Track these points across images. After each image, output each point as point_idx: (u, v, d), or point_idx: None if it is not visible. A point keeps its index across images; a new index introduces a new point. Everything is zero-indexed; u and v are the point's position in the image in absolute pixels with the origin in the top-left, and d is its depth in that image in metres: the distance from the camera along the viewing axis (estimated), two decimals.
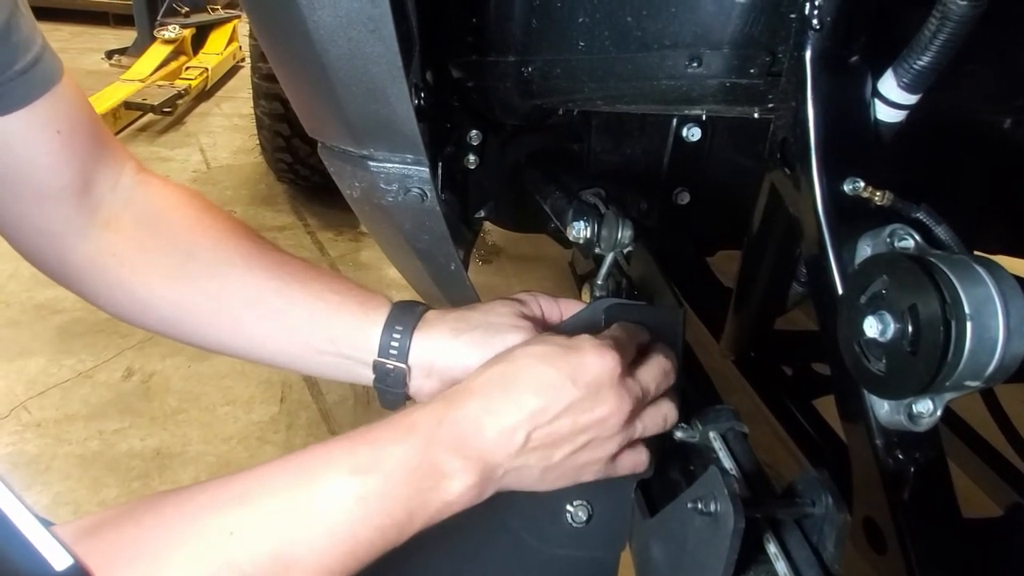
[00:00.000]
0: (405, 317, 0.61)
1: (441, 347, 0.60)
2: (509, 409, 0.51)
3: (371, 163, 0.59)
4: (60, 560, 0.40)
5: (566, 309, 0.67)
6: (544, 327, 0.64)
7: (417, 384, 0.62)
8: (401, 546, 0.59)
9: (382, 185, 0.60)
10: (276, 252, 0.66)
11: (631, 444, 0.57)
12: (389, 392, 0.62)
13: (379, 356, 0.61)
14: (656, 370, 0.57)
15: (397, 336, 0.60)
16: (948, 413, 0.58)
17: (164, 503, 0.46)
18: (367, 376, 0.62)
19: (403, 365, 0.60)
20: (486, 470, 0.50)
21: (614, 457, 0.56)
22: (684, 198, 1.09)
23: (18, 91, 0.56)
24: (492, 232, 2.83)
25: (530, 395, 0.51)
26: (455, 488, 0.50)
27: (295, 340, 0.63)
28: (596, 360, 0.52)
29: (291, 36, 0.52)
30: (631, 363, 0.57)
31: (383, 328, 0.61)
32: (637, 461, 0.59)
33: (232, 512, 0.45)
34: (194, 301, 0.63)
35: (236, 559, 0.44)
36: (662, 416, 0.58)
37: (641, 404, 0.55)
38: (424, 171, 0.58)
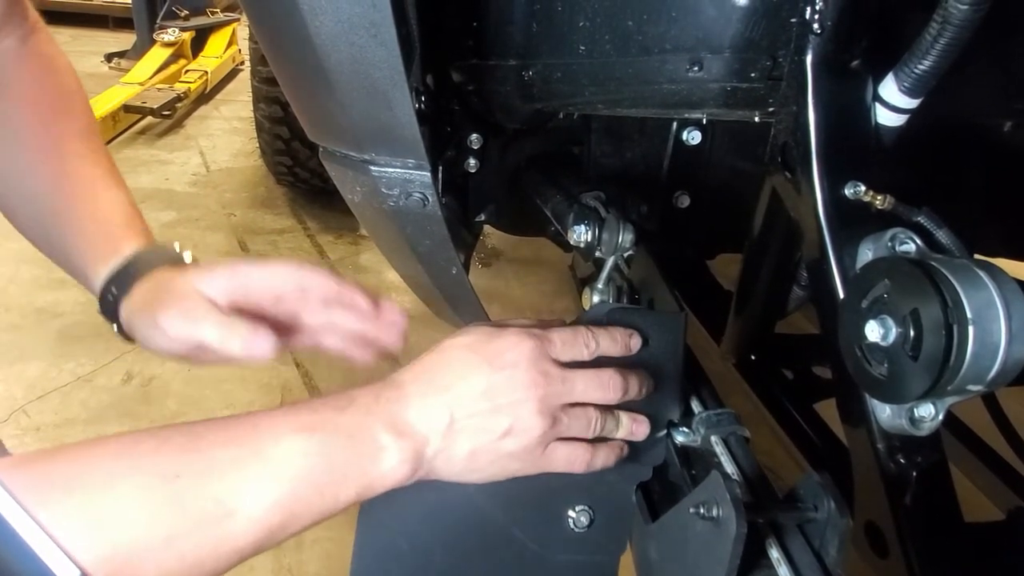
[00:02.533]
0: (123, 278, 0.66)
1: (137, 319, 0.65)
2: (435, 391, 0.55)
3: (372, 168, 0.59)
4: (65, 569, 0.39)
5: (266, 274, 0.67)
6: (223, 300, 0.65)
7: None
8: (405, 558, 0.59)
9: (383, 190, 0.60)
10: (85, 155, 0.69)
11: (566, 439, 0.58)
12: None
13: (100, 308, 0.67)
14: (592, 379, 0.58)
15: (111, 297, 0.65)
16: (949, 417, 0.58)
17: (101, 445, 0.47)
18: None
19: (110, 320, 0.66)
20: (417, 447, 0.53)
21: (544, 449, 0.57)
22: (684, 201, 1.09)
23: None
24: (492, 235, 2.83)
25: (453, 377, 0.55)
26: (389, 461, 0.52)
27: (48, 243, 0.69)
28: (514, 343, 0.56)
29: (293, 41, 0.52)
30: (621, 368, 0.59)
31: (104, 283, 0.66)
32: (571, 456, 0.58)
33: (177, 457, 0.47)
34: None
35: (180, 497, 0.45)
36: (588, 418, 0.58)
37: (559, 396, 0.57)
38: (425, 176, 0.58)
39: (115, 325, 0.68)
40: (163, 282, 0.64)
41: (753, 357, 0.92)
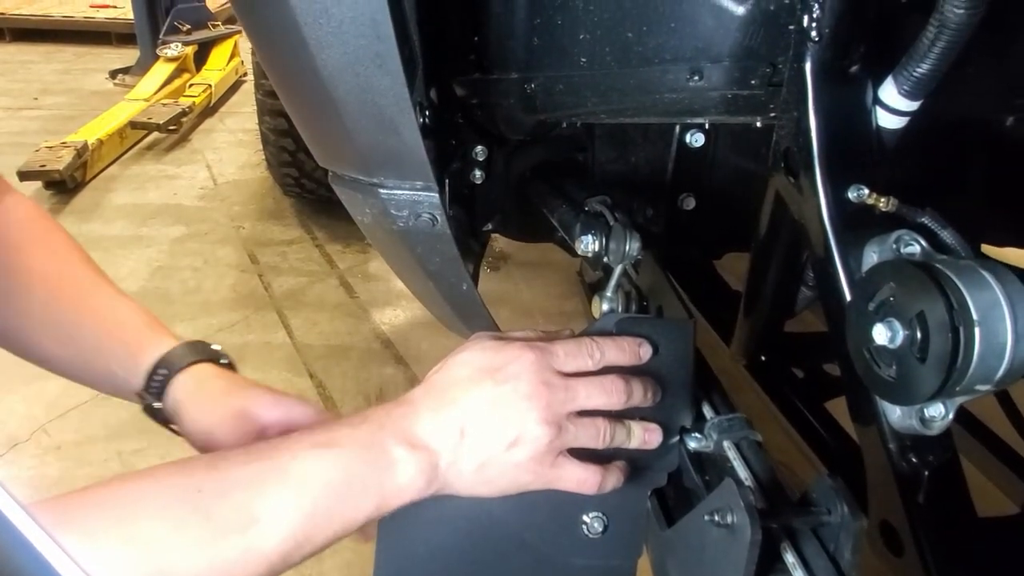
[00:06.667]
0: (174, 361, 0.68)
1: (188, 394, 0.67)
2: (444, 405, 0.57)
3: (381, 191, 0.60)
4: None
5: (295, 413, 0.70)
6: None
7: (182, 423, 0.68)
8: (423, 563, 0.60)
9: (393, 212, 0.61)
10: (88, 279, 0.72)
11: (578, 458, 0.59)
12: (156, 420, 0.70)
13: (143, 389, 0.68)
14: (595, 384, 0.60)
15: (159, 377, 0.67)
16: (961, 411, 0.59)
17: (130, 477, 0.50)
18: (135, 402, 0.70)
19: (156, 404, 0.68)
20: (431, 460, 0.55)
21: (553, 463, 0.58)
22: (690, 203, 1.10)
23: None
24: (499, 239, 2.84)
25: (459, 392, 0.57)
26: (404, 473, 0.54)
27: (79, 362, 0.70)
28: (515, 356, 0.58)
29: (301, 73, 0.53)
30: (624, 375, 0.61)
31: (152, 366, 0.68)
32: (580, 477, 0.59)
33: (200, 475, 0.49)
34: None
35: (204, 507, 0.47)
36: (596, 427, 0.59)
37: (563, 403, 0.58)
38: (434, 196, 0.59)
39: (148, 405, 0.70)
40: (220, 378, 0.68)
41: (763, 357, 0.93)
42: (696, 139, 1.04)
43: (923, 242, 0.59)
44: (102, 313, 0.70)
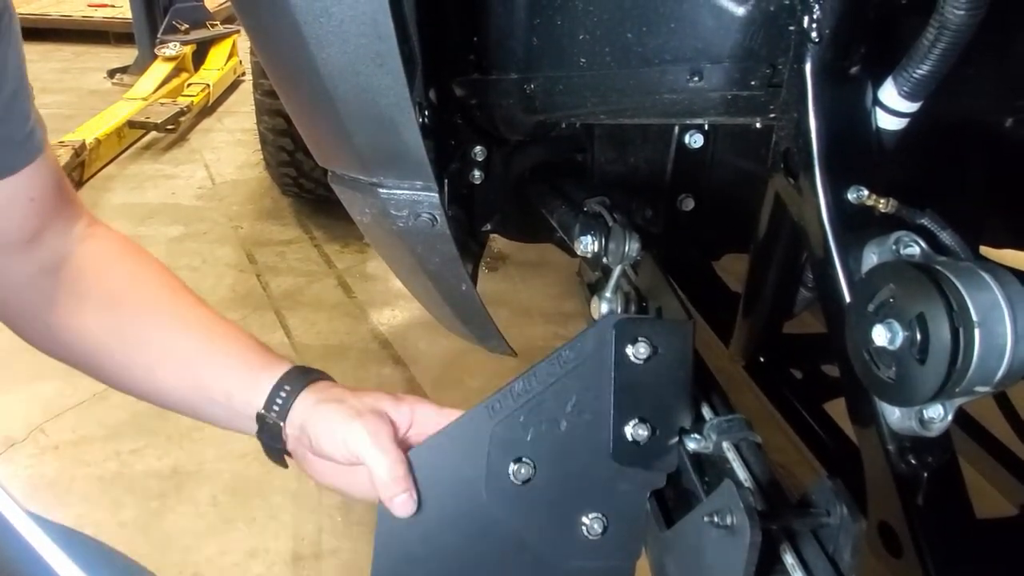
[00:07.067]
0: (298, 379, 0.67)
1: (318, 415, 0.65)
2: None
3: (381, 190, 0.60)
4: None
5: (442, 419, 0.69)
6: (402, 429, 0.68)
7: (292, 443, 0.67)
8: (421, 563, 0.60)
9: (392, 211, 0.61)
10: (198, 307, 0.72)
11: None
12: (270, 447, 0.68)
13: (262, 408, 0.67)
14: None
15: (283, 395, 0.66)
16: (959, 412, 0.59)
17: None
18: (251, 428, 0.68)
19: (282, 423, 0.66)
20: None
21: None
22: (688, 204, 1.10)
23: (7, 161, 0.61)
24: (497, 239, 2.84)
25: None
26: None
27: (198, 393, 0.69)
28: None
29: (301, 72, 0.53)
30: None
31: (274, 384, 0.67)
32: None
33: None
34: (114, 348, 0.69)
35: None
36: None
37: None
38: (433, 196, 0.59)
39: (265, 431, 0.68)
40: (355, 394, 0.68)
41: (761, 358, 0.93)
42: (695, 140, 1.04)
43: (923, 243, 0.59)
44: (217, 341, 0.70)
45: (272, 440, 0.67)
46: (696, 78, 0.67)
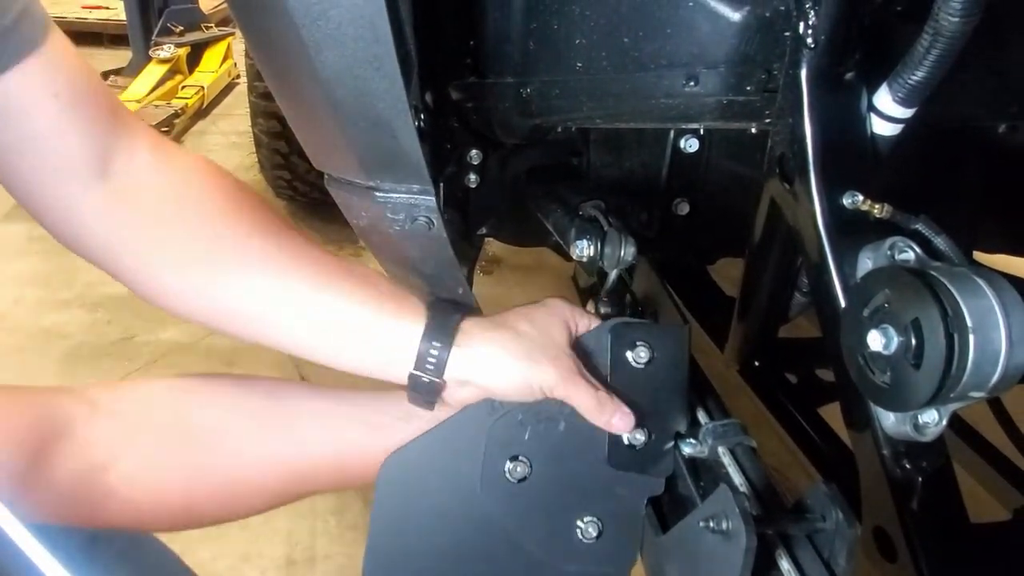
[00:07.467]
0: (443, 330, 0.62)
1: (484, 363, 0.62)
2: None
3: (377, 194, 0.60)
4: None
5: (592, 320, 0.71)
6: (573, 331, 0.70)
7: (450, 392, 0.63)
8: (415, 563, 0.61)
9: (389, 215, 0.61)
10: (307, 246, 0.65)
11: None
12: (426, 401, 0.63)
13: (415, 369, 0.62)
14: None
15: (435, 352, 0.61)
16: (954, 417, 0.59)
17: None
18: (401, 380, 0.63)
19: (439, 380, 0.62)
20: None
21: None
22: (684, 208, 1.10)
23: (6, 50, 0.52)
24: (492, 243, 2.84)
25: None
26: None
27: (327, 344, 0.64)
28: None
29: (298, 75, 0.53)
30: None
31: (420, 341, 0.62)
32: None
33: None
34: (217, 293, 0.61)
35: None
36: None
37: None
38: (430, 200, 0.59)
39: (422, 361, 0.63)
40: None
41: (756, 363, 0.93)
42: (691, 144, 1.05)
43: (917, 249, 0.60)
44: (341, 287, 0.64)
45: (429, 396, 0.63)
46: (692, 83, 0.67)
